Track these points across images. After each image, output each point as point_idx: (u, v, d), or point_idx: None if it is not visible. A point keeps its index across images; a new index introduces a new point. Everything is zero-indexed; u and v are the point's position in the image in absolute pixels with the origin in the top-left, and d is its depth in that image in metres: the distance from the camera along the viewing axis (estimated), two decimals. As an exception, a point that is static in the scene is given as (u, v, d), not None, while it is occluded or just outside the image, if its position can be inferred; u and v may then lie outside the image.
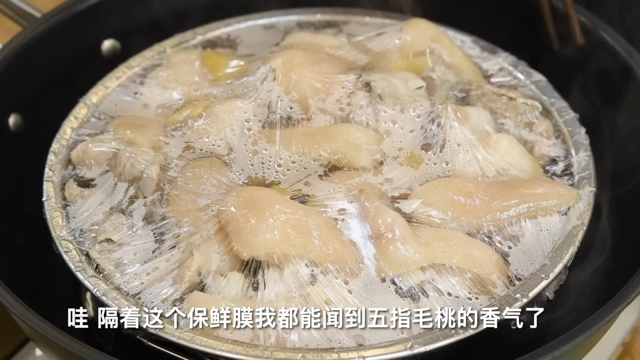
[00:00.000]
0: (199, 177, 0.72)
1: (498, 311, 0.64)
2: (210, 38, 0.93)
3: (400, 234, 0.67)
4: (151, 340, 0.65)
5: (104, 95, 0.85)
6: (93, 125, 0.81)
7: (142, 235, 0.69)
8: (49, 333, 0.63)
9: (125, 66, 0.88)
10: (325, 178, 0.73)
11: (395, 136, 0.77)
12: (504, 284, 0.67)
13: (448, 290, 0.66)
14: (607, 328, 0.68)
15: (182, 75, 0.85)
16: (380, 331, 0.63)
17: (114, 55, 0.96)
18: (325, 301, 0.64)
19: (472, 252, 0.67)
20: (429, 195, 0.71)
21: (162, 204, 0.70)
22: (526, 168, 0.76)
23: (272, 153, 0.76)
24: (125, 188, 0.73)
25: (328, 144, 0.75)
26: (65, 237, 0.70)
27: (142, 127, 0.78)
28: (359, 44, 0.88)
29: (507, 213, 0.71)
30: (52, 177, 0.76)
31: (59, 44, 0.92)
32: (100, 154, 0.76)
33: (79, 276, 0.67)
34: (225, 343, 0.62)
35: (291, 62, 0.81)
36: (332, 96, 0.80)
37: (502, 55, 0.90)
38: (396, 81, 0.80)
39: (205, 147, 0.76)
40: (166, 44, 0.92)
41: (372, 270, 0.67)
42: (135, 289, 0.66)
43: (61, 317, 0.67)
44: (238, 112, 0.78)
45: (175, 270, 0.66)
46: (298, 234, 0.66)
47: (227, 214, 0.67)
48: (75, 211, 0.73)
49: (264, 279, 0.65)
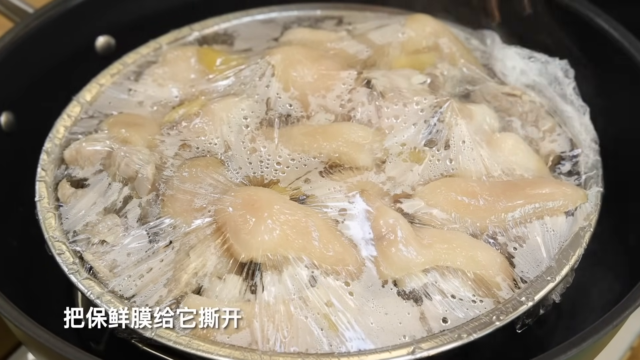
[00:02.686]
0: (196, 177, 0.71)
1: (503, 315, 0.63)
2: (207, 34, 0.93)
3: (403, 235, 0.66)
4: (146, 344, 0.65)
5: (98, 92, 0.84)
6: (87, 124, 0.81)
7: (137, 236, 0.68)
8: (42, 337, 0.63)
9: (120, 63, 0.88)
10: (325, 175, 0.73)
11: (398, 131, 0.76)
12: (509, 287, 0.66)
13: (452, 292, 0.65)
14: (615, 332, 0.67)
15: (178, 72, 0.85)
16: (382, 335, 0.63)
17: (108, 51, 0.96)
18: (326, 303, 0.63)
19: (477, 253, 0.67)
20: (432, 195, 0.71)
21: (157, 205, 0.70)
22: (532, 167, 0.75)
23: (271, 151, 0.75)
24: (119, 188, 0.72)
25: (329, 142, 0.74)
26: (59, 239, 0.70)
27: (137, 125, 0.77)
28: (361, 36, 0.87)
29: (512, 214, 0.70)
30: (44, 177, 0.75)
31: (52, 40, 0.92)
32: (94, 153, 0.75)
33: (72, 279, 0.67)
34: (223, 347, 0.62)
35: (290, 58, 0.80)
36: (333, 93, 0.79)
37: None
38: (398, 78, 0.79)
39: (201, 145, 0.76)
40: (162, 40, 0.91)
41: (374, 272, 0.66)
42: (130, 292, 0.66)
43: (54, 321, 0.66)
44: (235, 109, 0.78)
45: (170, 271, 0.66)
46: (297, 235, 0.65)
47: (224, 214, 0.66)
48: (69, 212, 0.72)
49: (263, 281, 0.64)
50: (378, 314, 0.64)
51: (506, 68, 0.85)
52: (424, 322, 0.64)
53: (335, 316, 0.63)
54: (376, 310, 0.64)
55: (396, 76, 0.80)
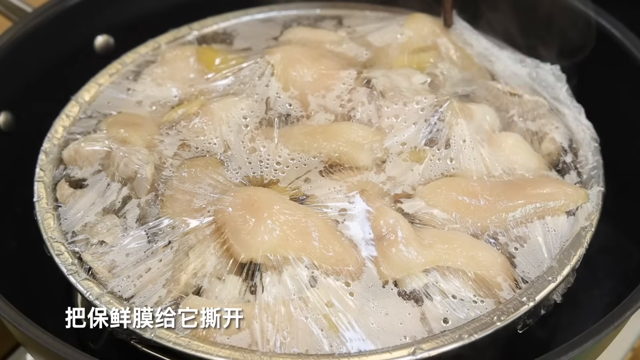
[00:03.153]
0: (195, 177, 0.71)
1: (504, 315, 0.63)
2: (206, 33, 0.92)
3: (403, 235, 0.66)
4: (146, 345, 0.64)
5: (96, 92, 0.84)
6: (85, 124, 0.80)
7: (136, 236, 0.68)
8: (40, 338, 0.62)
9: (119, 63, 0.87)
10: (325, 175, 0.72)
11: (398, 130, 0.76)
12: (510, 287, 0.66)
13: (452, 293, 0.65)
14: (616, 333, 0.67)
15: (177, 72, 0.85)
16: (382, 335, 0.62)
17: (107, 51, 0.95)
18: (326, 303, 0.63)
19: (477, 254, 0.66)
20: (433, 195, 0.70)
21: (156, 205, 0.70)
22: (533, 167, 0.75)
23: (271, 150, 0.75)
24: (118, 188, 0.72)
25: (329, 142, 0.74)
26: (57, 239, 0.69)
27: (136, 125, 0.77)
28: (360, 38, 0.87)
29: (513, 214, 0.70)
30: (43, 178, 0.75)
31: (50, 39, 0.91)
32: (92, 154, 0.75)
33: (71, 280, 0.66)
34: (223, 348, 0.61)
35: (290, 57, 0.80)
36: (333, 92, 0.79)
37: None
38: (398, 77, 0.79)
39: (201, 145, 0.75)
40: (161, 39, 0.91)
41: (374, 273, 0.66)
42: (129, 292, 0.65)
43: (53, 322, 0.66)
44: (235, 109, 0.78)
45: (169, 272, 0.65)
46: (297, 235, 0.65)
47: (224, 215, 0.66)
48: (67, 212, 0.72)
49: (262, 282, 0.64)
50: (378, 314, 0.64)
51: (497, 71, 0.84)
52: (425, 322, 0.64)
53: (336, 317, 0.63)
54: (377, 311, 0.64)
55: (396, 76, 0.79)
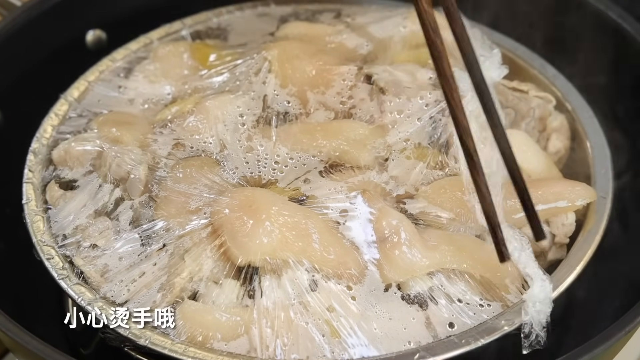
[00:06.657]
0: (190, 177, 0.70)
1: (511, 319, 0.62)
2: (199, 28, 0.91)
3: (406, 237, 0.65)
4: (140, 352, 0.64)
5: (86, 90, 0.83)
6: (75, 123, 0.80)
7: (129, 239, 0.68)
8: (30, 344, 0.62)
9: (109, 59, 0.86)
10: (325, 175, 0.72)
11: (401, 126, 0.75)
12: (517, 290, 0.65)
13: (458, 296, 0.65)
14: (627, 338, 0.66)
15: (170, 69, 0.84)
16: (386, 341, 0.62)
17: (99, 46, 0.94)
18: (328, 308, 0.63)
19: (484, 255, 0.66)
20: (437, 195, 0.70)
21: (150, 207, 0.69)
22: (540, 165, 0.75)
23: (268, 149, 0.74)
24: (110, 190, 0.72)
25: (329, 141, 0.74)
26: (47, 243, 0.69)
27: (128, 124, 0.76)
28: (360, 29, 0.86)
29: (520, 214, 0.68)
30: (32, 179, 0.74)
31: (40, 34, 0.90)
32: (83, 154, 0.74)
33: (62, 284, 0.66)
34: (220, 355, 0.61)
35: (287, 53, 0.80)
36: (332, 89, 0.78)
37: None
38: (400, 73, 0.78)
39: (196, 144, 0.75)
40: (153, 35, 0.90)
41: (377, 276, 0.65)
42: (122, 297, 0.65)
43: (43, 327, 0.66)
44: (231, 106, 0.77)
45: (164, 276, 0.65)
46: (297, 237, 0.65)
47: (220, 216, 0.65)
48: (57, 215, 0.71)
49: (261, 286, 0.63)
50: (382, 319, 0.63)
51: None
52: (430, 327, 0.63)
53: (337, 322, 0.62)
54: (380, 316, 0.63)
55: (399, 71, 0.79)
